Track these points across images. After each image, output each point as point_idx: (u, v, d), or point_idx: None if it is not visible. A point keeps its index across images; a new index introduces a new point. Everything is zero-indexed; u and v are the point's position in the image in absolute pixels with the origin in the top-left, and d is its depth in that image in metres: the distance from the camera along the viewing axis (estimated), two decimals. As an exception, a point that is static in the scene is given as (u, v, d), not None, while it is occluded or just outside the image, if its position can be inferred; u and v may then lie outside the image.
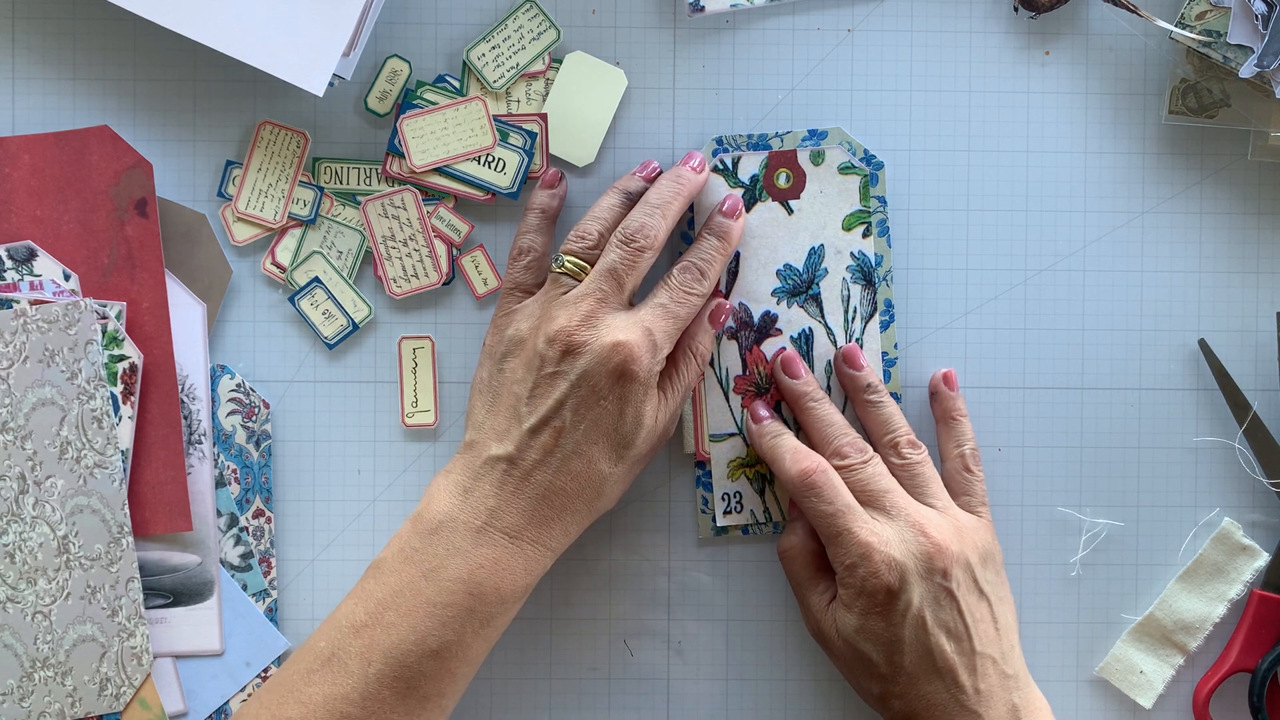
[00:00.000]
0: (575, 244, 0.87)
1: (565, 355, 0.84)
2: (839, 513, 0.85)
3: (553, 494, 0.84)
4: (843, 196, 0.90)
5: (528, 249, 0.89)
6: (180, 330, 0.90)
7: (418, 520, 0.84)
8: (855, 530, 0.84)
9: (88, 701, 0.89)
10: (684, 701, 0.92)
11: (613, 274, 0.85)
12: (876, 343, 0.91)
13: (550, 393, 0.84)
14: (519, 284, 0.89)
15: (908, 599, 0.84)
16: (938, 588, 0.84)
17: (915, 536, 0.84)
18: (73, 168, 0.89)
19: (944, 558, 0.84)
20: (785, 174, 0.90)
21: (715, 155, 0.90)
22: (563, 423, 0.83)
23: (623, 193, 0.88)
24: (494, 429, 0.85)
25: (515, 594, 0.84)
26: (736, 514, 0.91)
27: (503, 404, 0.85)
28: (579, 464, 0.84)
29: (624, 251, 0.85)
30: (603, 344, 0.83)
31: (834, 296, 0.90)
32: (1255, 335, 0.92)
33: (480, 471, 0.84)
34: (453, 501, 0.84)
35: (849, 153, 0.90)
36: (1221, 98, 0.90)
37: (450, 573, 0.82)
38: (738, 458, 0.91)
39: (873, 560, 0.83)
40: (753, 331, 0.90)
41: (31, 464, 0.88)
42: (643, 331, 0.84)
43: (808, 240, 0.90)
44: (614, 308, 0.85)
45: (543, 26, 0.90)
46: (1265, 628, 0.91)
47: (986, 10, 0.91)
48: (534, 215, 0.89)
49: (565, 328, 0.84)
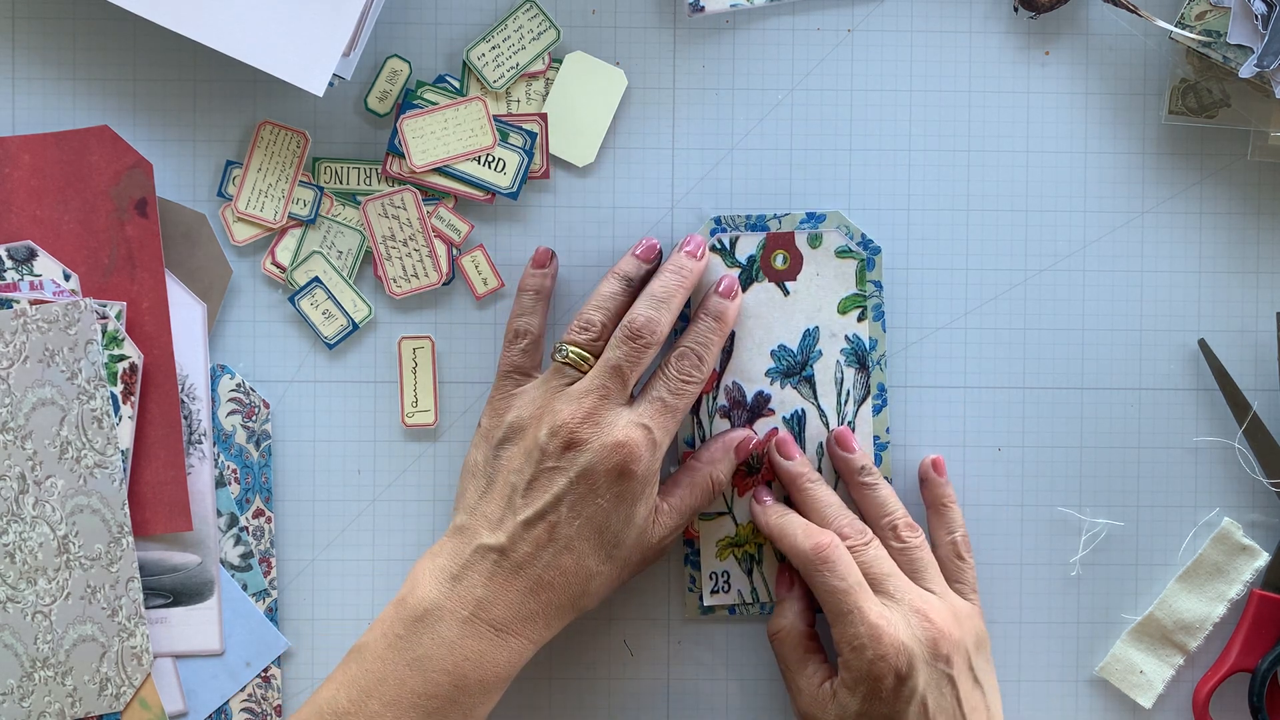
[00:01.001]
0: (579, 334, 0.86)
1: (566, 450, 0.83)
2: (851, 590, 0.84)
3: (541, 588, 0.83)
4: (839, 280, 0.90)
5: (524, 332, 0.89)
6: (180, 330, 0.90)
7: (401, 605, 0.84)
8: (866, 610, 0.84)
9: (88, 701, 0.89)
10: (684, 701, 0.92)
11: (617, 371, 0.85)
12: (869, 426, 0.91)
13: (549, 487, 0.83)
14: (517, 367, 0.88)
15: (914, 685, 0.83)
16: (940, 674, 0.84)
17: (920, 621, 0.84)
18: (73, 168, 0.89)
19: (947, 644, 0.84)
20: (782, 255, 0.90)
21: (713, 235, 0.90)
22: (558, 518, 0.83)
23: (623, 279, 0.88)
24: (487, 517, 0.85)
25: (498, 684, 0.83)
26: (724, 594, 0.91)
27: (497, 492, 0.85)
28: (569, 560, 0.84)
29: (629, 348, 0.85)
30: (604, 443, 0.83)
31: (827, 379, 0.90)
32: (1255, 335, 0.92)
33: (470, 560, 0.84)
34: (439, 589, 0.83)
35: (846, 236, 0.90)
36: (1221, 98, 0.90)
37: (435, 664, 0.82)
38: (726, 537, 0.91)
39: (882, 643, 0.83)
40: (745, 411, 0.90)
41: (31, 464, 0.88)
42: (643, 431, 0.84)
43: (803, 322, 0.90)
44: (616, 404, 0.85)
45: (543, 26, 0.90)
46: (1265, 628, 0.91)
47: (986, 10, 0.91)
48: (528, 297, 0.89)
49: (568, 423, 0.84)
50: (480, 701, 0.83)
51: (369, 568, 0.91)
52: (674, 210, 0.91)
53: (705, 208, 0.91)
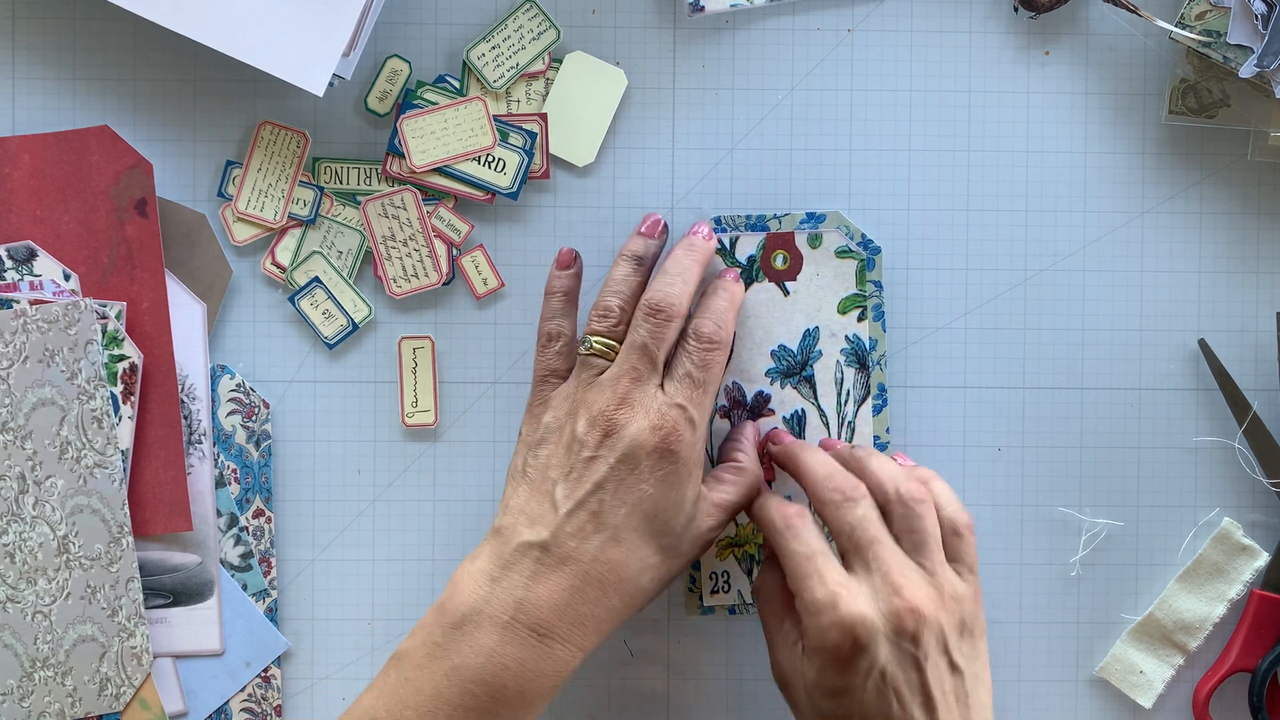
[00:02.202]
0: (599, 323, 0.85)
1: (605, 437, 0.82)
2: (813, 555, 0.81)
3: (588, 584, 0.80)
4: (839, 280, 0.90)
5: (556, 334, 0.87)
6: (180, 330, 0.90)
7: (441, 611, 0.81)
8: (825, 576, 0.80)
9: (88, 701, 0.89)
10: (684, 701, 0.92)
11: (644, 350, 0.83)
12: (869, 426, 0.91)
13: (589, 476, 0.81)
14: (553, 370, 0.87)
15: (871, 659, 0.79)
16: (904, 654, 0.79)
17: (889, 595, 0.80)
18: (73, 168, 0.89)
19: (915, 621, 0.79)
20: (782, 255, 0.90)
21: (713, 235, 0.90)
22: (600, 505, 0.81)
23: (633, 258, 0.87)
24: (527, 514, 0.82)
25: (541, 696, 0.80)
26: (724, 594, 0.91)
27: (538, 489, 0.83)
28: (617, 551, 0.81)
29: (652, 324, 0.84)
30: (642, 425, 0.82)
31: (827, 379, 0.90)
32: (1255, 335, 0.92)
33: (510, 559, 0.81)
34: (479, 591, 0.80)
35: (846, 237, 0.90)
36: (1221, 98, 0.90)
37: (473, 673, 0.79)
38: (726, 537, 0.91)
39: (838, 610, 0.79)
40: (745, 411, 0.90)
41: (31, 464, 0.88)
42: (679, 410, 0.82)
43: (803, 322, 0.90)
44: (650, 384, 0.83)
45: (543, 26, 0.90)
46: (1265, 628, 0.91)
47: (986, 10, 0.91)
48: (556, 299, 0.88)
49: (604, 410, 0.82)
50: (521, 715, 0.80)
51: (369, 568, 0.91)
52: (674, 210, 0.91)
53: (705, 208, 0.91)
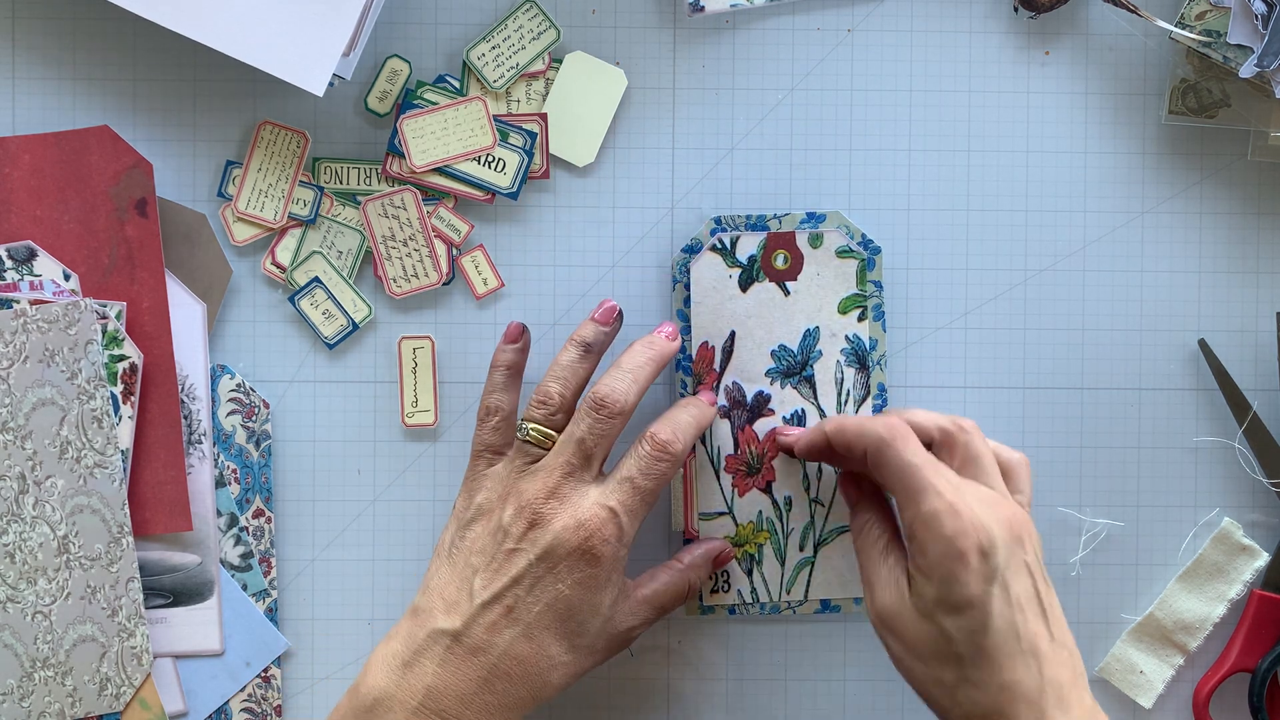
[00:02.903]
0: (538, 410, 0.84)
1: (529, 529, 0.81)
2: (924, 465, 0.77)
3: (495, 677, 0.80)
4: (839, 280, 0.90)
5: (495, 409, 0.86)
6: (180, 330, 0.90)
7: (354, 694, 0.81)
8: (941, 486, 0.76)
9: (88, 701, 0.89)
10: (684, 701, 0.92)
11: (581, 445, 0.82)
12: None
13: (508, 568, 0.81)
14: (489, 445, 0.85)
15: (996, 563, 0.75)
16: (1019, 560, 0.77)
17: (996, 500, 0.77)
18: (73, 168, 0.89)
19: (1025, 527, 0.77)
20: (783, 255, 0.90)
21: (713, 235, 0.90)
22: (516, 601, 0.80)
23: (581, 345, 0.85)
24: (444, 599, 0.81)
25: None
26: (724, 593, 0.91)
27: (458, 573, 0.82)
28: (527, 647, 0.80)
29: (593, 419, 0.82)
30: (566, 522, 0.80)
31: (828, 379, 0.90)
32: (1255, 335, 0.92)
33: (422, 645, 0.81)
34: (390, 676, 0.80)
35: (847, 236, 0.90)
36: (1221, 98, 0.90)
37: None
38: (726, 537, 0.91)
39: (961, 518, 0.75)
40: (745, 411, 0.90)
41: (31, 464, 0.88)
42: (609, 512, 0.81)
43: (803, 322, 0.90)
44: (583, 480, 0.82)
45: (543, 26, 0.90)
46: (1265, 628, 0.91)
47: (986, 10, 0.91)
48: (499, 373, 0.86)
49: (532, 501, 0.81)
50: None
51: (369, 568, 0.92)
52: (674, 210, 0.91)
53: (705, 208, 0.91)
